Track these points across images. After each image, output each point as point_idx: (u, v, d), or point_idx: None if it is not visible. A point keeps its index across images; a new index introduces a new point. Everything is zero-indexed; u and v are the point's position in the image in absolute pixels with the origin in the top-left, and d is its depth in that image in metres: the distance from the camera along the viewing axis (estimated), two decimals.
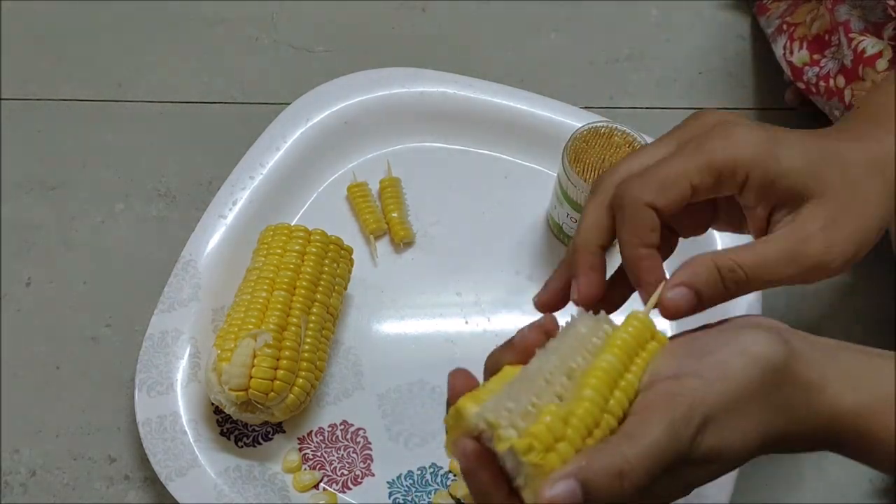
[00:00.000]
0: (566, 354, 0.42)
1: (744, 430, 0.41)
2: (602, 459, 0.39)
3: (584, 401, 0.40)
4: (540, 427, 0.39)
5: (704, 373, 0.41)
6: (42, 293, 0.75)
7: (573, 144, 0.69)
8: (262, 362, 0.63)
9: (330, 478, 0.67)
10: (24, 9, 0.90)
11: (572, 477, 0.38)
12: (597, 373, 0.41)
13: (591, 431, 0.40)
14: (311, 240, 0.69)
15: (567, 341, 0.43)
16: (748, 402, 0.41)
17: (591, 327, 0.44)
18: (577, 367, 0.42)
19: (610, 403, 0.41)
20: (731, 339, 0.42)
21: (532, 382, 0.41)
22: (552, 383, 0.41)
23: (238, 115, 0.84)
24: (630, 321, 0.44)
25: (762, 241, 0.46)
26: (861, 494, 0.69)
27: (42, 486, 0.68)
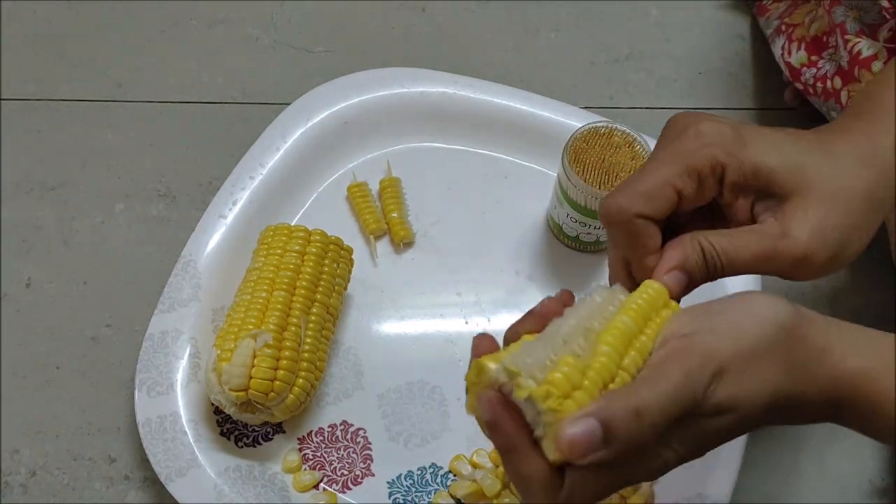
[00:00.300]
0: (583, 318, 0.44)
1: (757, 383, 0.42)
2: (619, 399, 0.40)
3: (600, 355, 0.42)
4: (557, 375, 0.40)
5: (717, 329, 0.42)
6: (42, 293, 0.75)
7: (573, 144, 0.69)
8: (262, 362, 0.63)
9: (330, 478, 0.67)
10: (24, 9, 0.90)
11: (592, 416, 0.39)
12: (613, 331, 0.42)
13: (607, 385, 0.42)
14: (311, 240, 0.69)
15: (584, 308, 0.45)
16: (760, 358, 0.42)
17: (607, 297, 0.46)
18: (594, 328, 0.43)
19: (625, 361, 0.42)
20: (742, 303, 0.44)
21: (550, 341, 0.42)
22: (570, 343, 0.42)
23: (238, 115, 0.84)
24: (644, 288, 0.45)
25: (746, 231, 0.47)
26: (861, 494, 0.69)
27: (42, 487, 0.68)
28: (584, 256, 0.76)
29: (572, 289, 0.73)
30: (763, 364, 0.42)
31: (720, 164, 0.46)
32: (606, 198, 0.48)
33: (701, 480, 0.65)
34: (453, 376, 0.71)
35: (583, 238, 0.74)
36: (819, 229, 0.45)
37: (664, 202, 0.47)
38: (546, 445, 0.41)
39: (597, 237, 0.73)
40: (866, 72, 0.70)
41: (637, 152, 0.69)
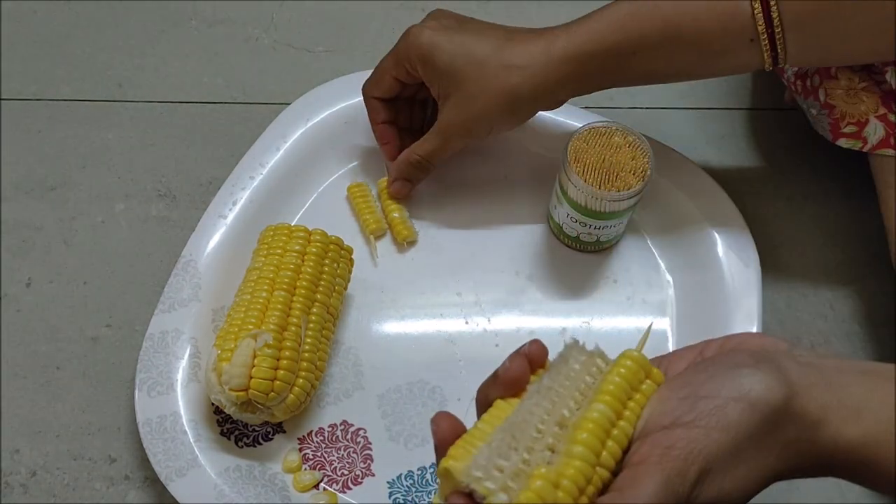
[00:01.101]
0: (557, 399, 0.42)
1: (744, 477, 0.40)
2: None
3: (574, 459, 0.40)
4: (529, 495, 0.39)
5: (701, 421, 0.40)
6: (42, 293, 0.75)
7: (573, 144, 0.69)
8: (262, 362, 0.63)
9: (330, 478, 0.67)
10: (24, 9, 0.90)
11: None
12: (587, 425, 0.41)
13: (584, 489, 0.40)
14: (312, 240, 0.69)
15: (559, 380, 0.43)
16: (747, 449, 0.40)
17: (584, 363, 0.44)
18: (569, 415, 0.42)
19: (602, 456, 0.41)
20: (728, 382, 0.41)
21: (523, 433, 0.41)
22: (544, 434, 0.41)
23: (238, 115, 0.84)
24: (623, 361, 0.43)
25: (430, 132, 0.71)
26: (861, 494, 0.69)
27: (42, 487, 0.68)
28: (584, 256, 0.76)
29: (573, 289, 0.74)
30: (753, 454, 0.40)
31: (412, 62, 0.68)
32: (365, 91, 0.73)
33: None
34: (453, 376, 0.71)
35: (583, 238, 0.74)
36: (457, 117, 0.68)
37: (387, 85, 0.71)
38: None
39: (597, 237, 0.73)
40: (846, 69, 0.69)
41: (637, 152, 0.69)
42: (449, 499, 0.40)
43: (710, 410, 0.40)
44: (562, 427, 0.41)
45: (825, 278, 0.77)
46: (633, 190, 0.68)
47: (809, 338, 0.75)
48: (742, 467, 0.40)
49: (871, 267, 0.77)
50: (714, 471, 0.39)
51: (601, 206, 0.69)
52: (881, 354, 0.74)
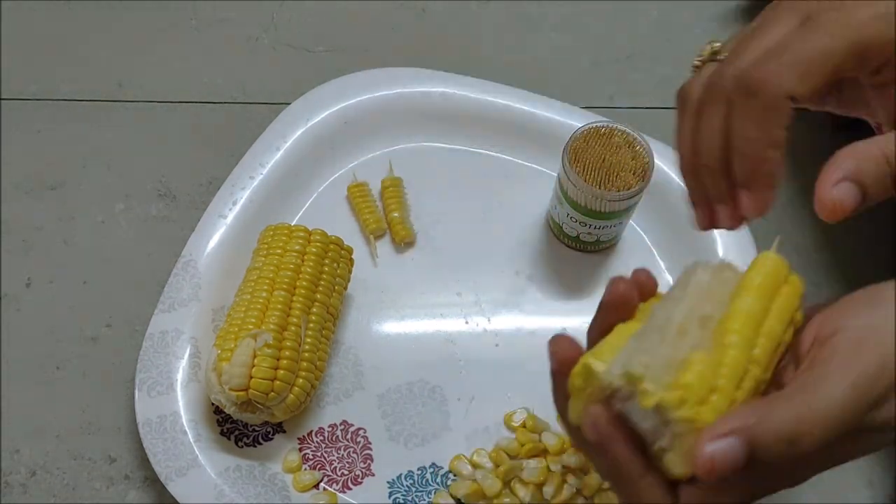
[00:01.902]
0: (694, 303, 0.38)
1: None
2: (774, 421, 0.33)
3: (730, 348, 0.36)
4: (689, 377, 0.34)
5: (888, 324, 0.35)
6: (42, 293, 0.75)
7: (573, 144, 0.69)
8: (262, 362, 0.63)
9: (330, 478, 0.67)
10: (24, 9, 0.90)
11: (736, 434, 0.33)
12: (738, 318, 0.37)
13: (741, 383, 0.36)
14: (312, 240, 0.69)
15: (690, 290, 0.38)
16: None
17: (714, 273, 0.39)
18: (711, 316, 0.37)
19: (755, 352, 0.37)
20: None
21: (663, 333, 0.36)
22: (686, 334, 0.36)
23: (238, 115, 0.84)
24: (761, 262, 0.39)
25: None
26: (861, 494, 0.69)
27: (42, 486, 0.68)
28: (585, 256, 0.76)
29: (573, 289, 0.74)
30: None
31: (890, 41, 0.38)
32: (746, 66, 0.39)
33: None
34: (453, 376, 0.71)
35: (583, 238, 0.74)
36: None
37: (822, 80, 0.38)
38: (671, 459, 0.35)
39: (597, 237, 0.73)
40: None
41: (637, 152, 0.69)
42: (587, 409, 0.36)
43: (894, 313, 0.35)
44: (704, 327, 0.37)
45: (825, 278, 0.77)
46: (633, 190, 0.68)
47: None
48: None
49: (872, 267, 0.77)
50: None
51: (601, 206, 0.69)
52: None
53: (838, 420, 0.34)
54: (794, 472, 0.36)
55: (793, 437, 0.33)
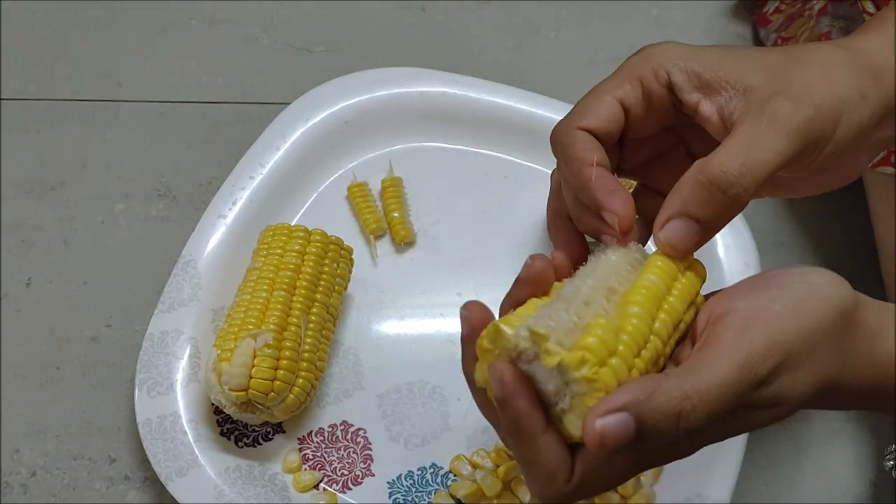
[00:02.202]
0: (602, 277, 0.39)
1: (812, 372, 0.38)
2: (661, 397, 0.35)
3: (631, 317, 0.37)
4: (591, 339, 0.36)
5: (777, 306, 0.38)
6: (42, 293, 0.75)
7: None
8: (262, 362, 0.63)
9: (330, 478, 0.67)
10: (24, 9, 0.89)
11: (626, 411, 0.35)
12: (641, 291, 0.38)
13: (640, 351, 0.38)
14: (311, 240, 0.69)
15: (600, 266, 0.41)
16: (819, 344, 0.38)
17: (622, 255, 0.42)
18: (616, 289, 0.39)
19: (655, 325, 0.38)
20: (802, 277, 0.40)
21: (570, 302, 0.38)
22: (591, 304, 0.38)
23: (238, 115, 0.84)
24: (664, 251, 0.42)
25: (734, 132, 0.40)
26: (861, 495, 0.69)
27: (42, 487, 0.68)
28: None
29: None
30: (821, 351, 0.38)
31: (662, 67, 0.43)
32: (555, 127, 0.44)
33: (701, 480, 0.65)
34: (453, 376, 0.70)
35: None
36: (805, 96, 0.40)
37: (605, 111, 0.43)
38: (570, 420, 0.36)
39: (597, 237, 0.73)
40: None
41: None
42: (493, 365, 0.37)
43: (786, 298, 0.38)
44: (609, 300, 0.39)
45: None
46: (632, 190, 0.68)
47: None
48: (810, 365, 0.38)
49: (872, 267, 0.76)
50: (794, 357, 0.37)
51: None
52: None
53: (724, 397, 0.35)
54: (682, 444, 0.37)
55: (680, 413, 0.35)
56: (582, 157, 0.43)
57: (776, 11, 0.83)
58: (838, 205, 0.80)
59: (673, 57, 0.43)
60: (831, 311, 0.39)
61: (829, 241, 0.79)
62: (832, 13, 0.73)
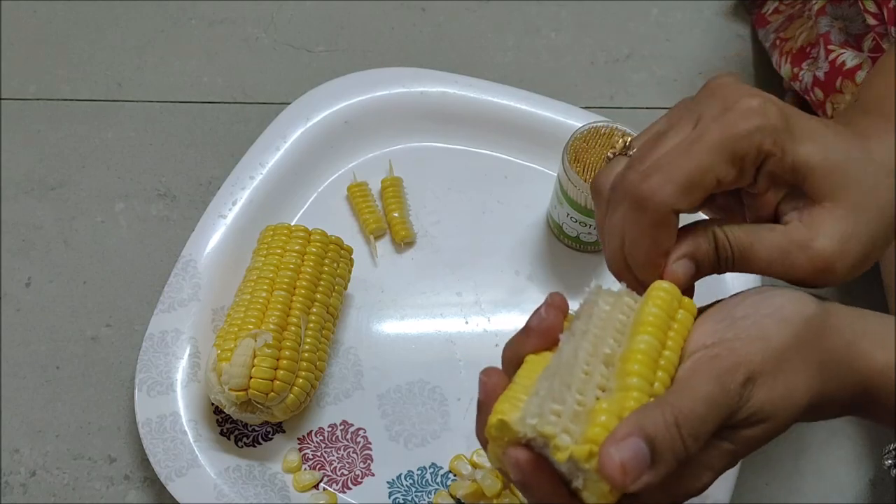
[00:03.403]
0: (597, 339, 0.41)
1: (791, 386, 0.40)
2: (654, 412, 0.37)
3: (631, 390, 0.38)
4: (597, 430, 0.37)
5: (743, 335, 0.40)
6: (42, 293, 0.75)
7: (573, 144, 0.69)
8: (262, 362, 0.63)
9: (330, 478, 0.67)
10: (24, 9, 0.90)
11: (633, 435, 0.36)
12: (636, 356, 0.39)
13: None
14: (311, 240, 0.69)
15: (593, 322, 0.41)
16: (791, 359, 0.40)
17: (614, 303, 0.42)
18: (612, 351, 0.40)
19: (655, 386, 0.39)
20: (765, 302, 0.41)
21: (570, 375, 0.39)
22: (592, 374, 0.39)
23: (238, 115, 0.84)
24: (655, 293, 0.42)
25: (768, 228, 0.43)
26: (860, 494, 0.69)
27: (42, 486, 0.68)
28: (585, 256, 0.76)
29: (572, 289, 0.74)
30: (795, 365, 0.40)
31: (765, 152, 0.41)
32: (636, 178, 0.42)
33: None
34: (453, 376, 0.71)
35: (583, 238, 0.74)
36: (846, 239, 0.42)
37: (703, 193, 0.42)
38: (588, 496, 0.38)
39: (597, 237, 0.73)
40: (850, 83, 0.69)
41: None
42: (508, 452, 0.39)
43: (748, 326, 0.40)
44: (608, 365, 0.40)
45: None
46: None
47: None
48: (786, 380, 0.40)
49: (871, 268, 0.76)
50: (761, 376, 0.39)
51: None
52: None
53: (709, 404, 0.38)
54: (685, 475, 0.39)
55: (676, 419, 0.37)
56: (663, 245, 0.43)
57: (775, 12, 0.83)
58: None
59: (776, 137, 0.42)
60: (795, 327, 0.41)
61: None
62: (831, 13, 0.73)
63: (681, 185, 0.41)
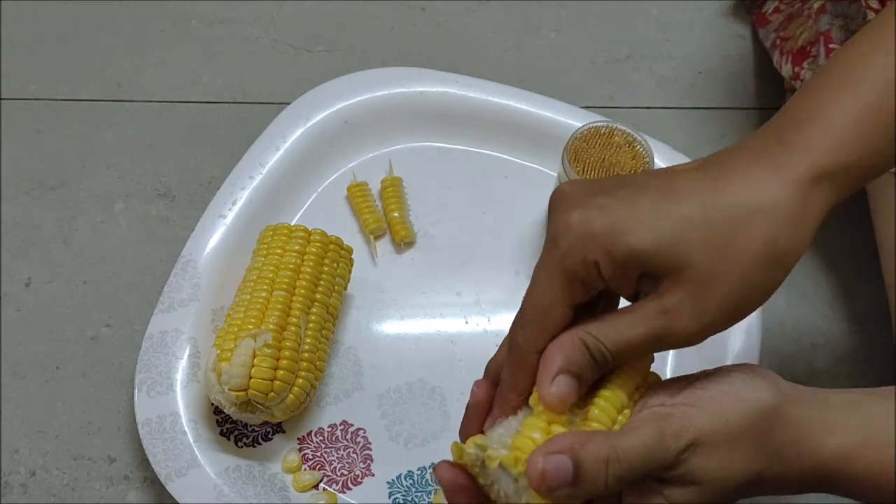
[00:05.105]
0: None
1: (730, 462, 0.42)
2: (594, 444, 0.40)
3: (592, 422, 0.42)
4: (525, 440, 0.41)
5: (699, 404, 0.42)
6: (42, 293, 0.75)
7: (573, 144, 0.69)
8: (261, 362, 0.63)
9: (330, 478, 0.67)
10: (24, 9, 0.90)
11: (565, 453, 0.40)
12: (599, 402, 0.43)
13: None
14: (311, 240, 0.69)
15: None
16: (737, 440, 0.42)
17: None
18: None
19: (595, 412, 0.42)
20: (727, 382, 0.43)
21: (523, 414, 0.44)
22: None
23: (238, 115, 0.84)
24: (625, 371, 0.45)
25: (626, 312, 0.43)
26: None
27: (42, 486, 0.68)
28: None
29: None
30: (739, 445, 0.42)
31: (593, 262, 0.42)
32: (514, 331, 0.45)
33: None
34: (453, 376, 0.71)
35: None
36: (698, 305, 0.42)
37: (561, 323, 0.44)
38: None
39: None
40: None
41: (637, 152, 0.69)
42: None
43: (706, 398, 0.42)
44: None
45: (825, 278, 0.77)
46: None
47: (809, 338, 0.75)
48: (730, 454, 0.42)
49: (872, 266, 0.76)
50: (704, 444, 0.41)
51: None
52: (880, 355, 0.74)
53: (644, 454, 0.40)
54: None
55: (608, 459, 0.40)
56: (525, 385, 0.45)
57: (775, 11, 0.83)
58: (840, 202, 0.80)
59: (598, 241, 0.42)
60: (749, 410, 0.42)
61: (829, 240, 0.79)
62: (831, 12, 0.73)
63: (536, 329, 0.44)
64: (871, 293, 0.76)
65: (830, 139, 0.43)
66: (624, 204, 0.43)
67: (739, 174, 0.43)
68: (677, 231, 0.42)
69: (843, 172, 0.43)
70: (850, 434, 0.43)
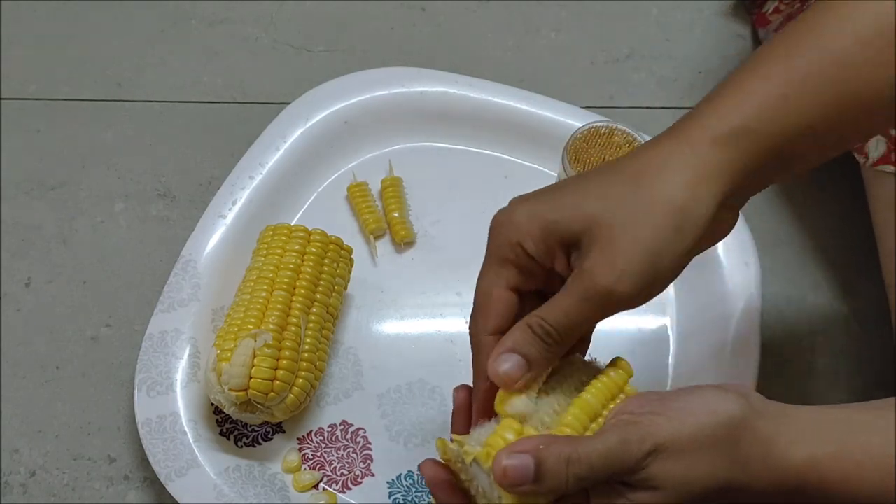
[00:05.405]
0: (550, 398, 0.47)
1: (693, 470, 0.43)
2: (557, 446, 0.42)
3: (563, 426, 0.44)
4: (497, 438, 0.43)
5: (666, 413, 0.44)
6: (42, 293, 0.75)
7: (573, 144, 0.69)
8: (261, 362, 0.63)
9: (330, 478, 0.67)
10: (24, 9, 0.90)
11: (528, 453, 0.42)
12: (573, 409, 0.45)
13: None
14: (311, 240, 0.69)
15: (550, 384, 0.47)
16: (701, 448, 0.43)
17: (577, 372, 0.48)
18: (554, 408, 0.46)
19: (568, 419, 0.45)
20: (697, 396, 0.45)
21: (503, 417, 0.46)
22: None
23: (238, 115, 0.84)
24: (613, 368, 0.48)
25: (562, 290, 0.47)
26: None
27: (42, 486, 0.68)
28: None
29: None
30: (704, 453, 0.43)
31: (517, 243, 0.48)
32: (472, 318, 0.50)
33: None
34: (453, 376, 0.70)
35: None
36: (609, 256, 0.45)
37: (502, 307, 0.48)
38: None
39: None
40: None
41: None
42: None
43: (675, 408, 0.44)
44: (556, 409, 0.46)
45: (825, 278, 0.77)
46: None
47: (809, 338, 0.75)
48: (693, 462, 0.43)
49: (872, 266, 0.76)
50: (667, 451, 0.43)
51: None
52: (880, 354, 0.74)
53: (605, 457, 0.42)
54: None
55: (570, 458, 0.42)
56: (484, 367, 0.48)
57: (775, 11, 0.83)
58: (838, 203, 0.80)
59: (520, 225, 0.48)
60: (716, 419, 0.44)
61: (829, 239, 0.79)
62: None
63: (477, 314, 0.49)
64: (870, 293, 0.76)
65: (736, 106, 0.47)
66: (542, 197, 0.50)
67: (647, 147, 0.48)
68: (584, 197, 0.47)
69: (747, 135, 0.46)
70: (823, 445, 0.44)
